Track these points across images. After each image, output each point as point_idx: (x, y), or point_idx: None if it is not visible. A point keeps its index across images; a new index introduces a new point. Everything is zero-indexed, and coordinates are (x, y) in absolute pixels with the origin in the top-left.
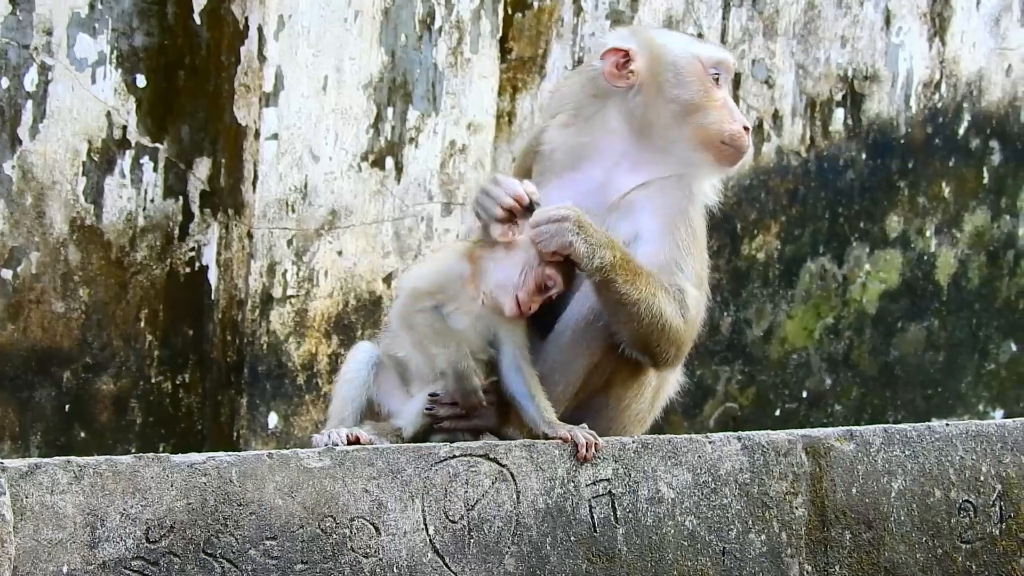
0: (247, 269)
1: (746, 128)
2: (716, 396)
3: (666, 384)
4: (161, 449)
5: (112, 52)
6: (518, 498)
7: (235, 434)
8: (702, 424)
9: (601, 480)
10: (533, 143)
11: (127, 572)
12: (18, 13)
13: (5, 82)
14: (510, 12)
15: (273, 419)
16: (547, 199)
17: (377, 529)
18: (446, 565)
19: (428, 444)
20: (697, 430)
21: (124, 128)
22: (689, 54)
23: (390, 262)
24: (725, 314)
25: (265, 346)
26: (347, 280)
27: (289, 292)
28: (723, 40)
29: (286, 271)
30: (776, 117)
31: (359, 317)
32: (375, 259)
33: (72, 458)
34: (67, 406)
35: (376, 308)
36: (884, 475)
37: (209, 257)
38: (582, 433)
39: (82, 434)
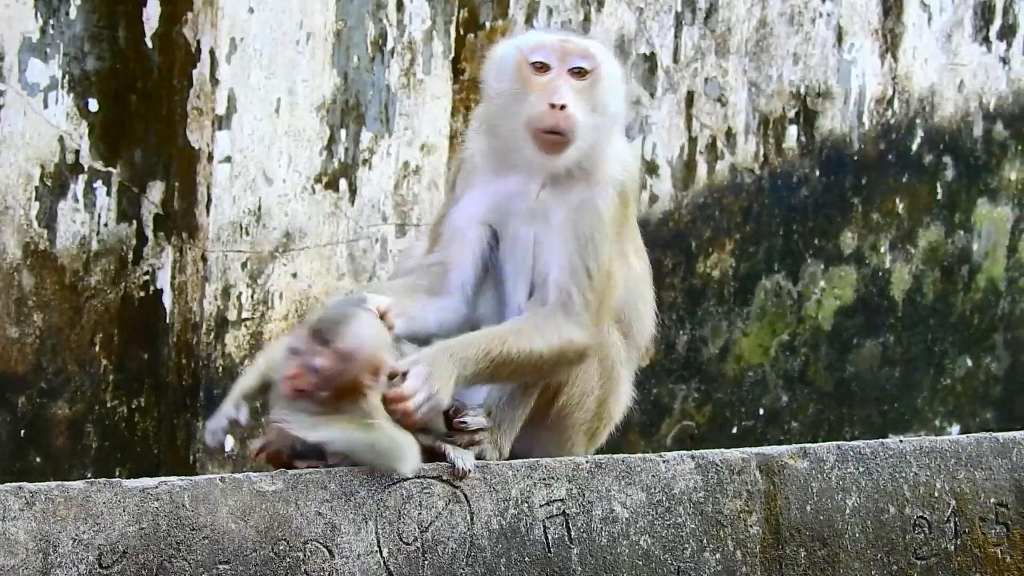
0: (202, 292)
1: (562, 107)
2: (673, 415)
3: (613, 392)
4: (117, 474)
5: (64, 76)
6: (472, 519)
7: (191, 458)
8: (659, 443)
9: (555, 500)
10: (461, 152)
11: None
12: None
13: None
14: (462, 33)
15: (229, 442)
16: (476, 202)
17: (331, 552)
18: None
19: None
20: (655, 448)
21: (77, 152)
22: (510, 46)
23: (345, 284)
24: (681, 332)
25: (221, 369)
26: (302, 302)
27: (244, 315)
28: (675, 59)
29: (241, 294)
30: (729, 135)
31: None
32: (330, 281)
33: (23, 484)
34: (22, 431)
35: None
36: (838, 492)
37: (164, 280)
38: None
39: (38, 459)
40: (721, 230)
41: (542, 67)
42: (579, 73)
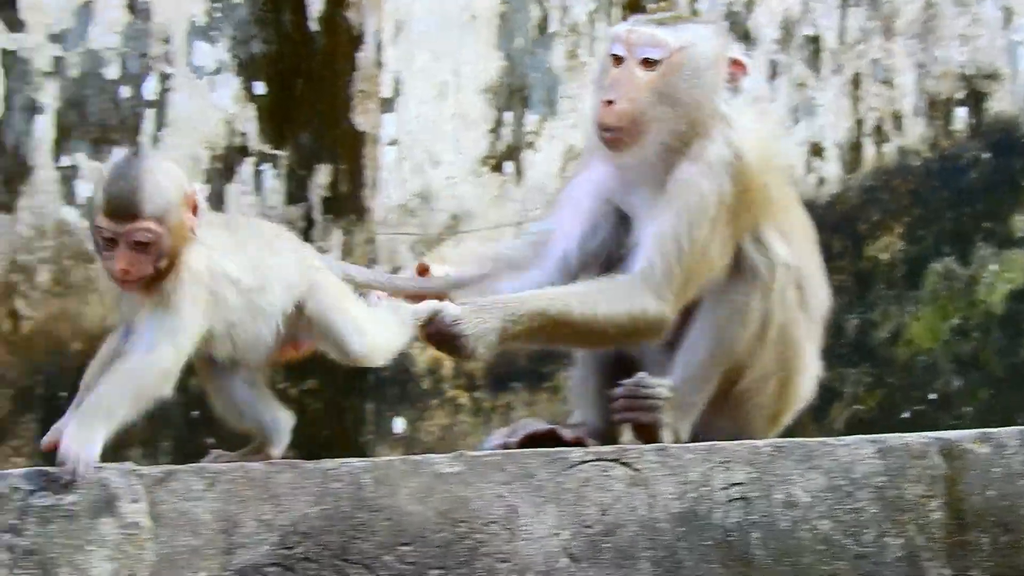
0: None
1: (611, 102)
2: (843, 399)
3: (797, 372)
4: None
5: (231, 60)
6: (652, 502)
7: (360, 440)
8: (830, 427)
9: (735, 484)
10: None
11: None
12: (137, 22)
13: (126, 91)
14: (625, 15)
15: (399, 424)
16: (596, 178)
17: (512, 534)
18: (581, 569)
19: (560, 449)
20: (826, 433)
21: (244, 135)
22: (609, 35)
23: None
24: (850, 316)
25: None
26: None
27: None
28: (841, 41)
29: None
30: (897, 117)
31: None
32: None
33: (206, 464)
34: (195, 412)
35: None
36: (1021, 477)
37: None
38: None
39: (211, 440)
40: (889, 213)
41: (617, 60)
42: (648, 63)
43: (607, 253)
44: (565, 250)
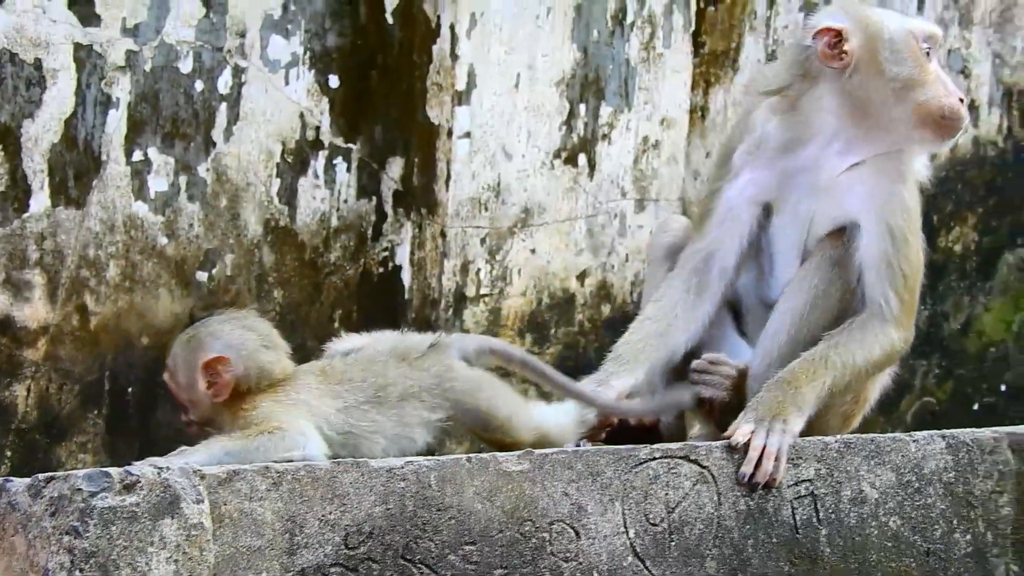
0: (440, 268)
1: (961, 100)
2: (913, 391)
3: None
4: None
5: (305, 53)
6: (719, 500)
7: None
8: (899, 419)
9: (803, 481)
10: (740, 125)
11: None
12: (211, 16)
13: (200, 85)
14: (702, 6)
15: None
16: (756, 182)
17: (577, 533)
18: (647, 568)
19: (628, 447)
20: (894, 425)
21: (317, 129)
22: (903, 30)
23: (583, 260)
24: (922, 307)
25: None
26: (540, 278)
27: (483, 291)
28: None
29: (479, 270)
30: (973, 107)
31: (552, 315)
32: (568, 257)
33: (270, 464)
34: None
35: (569, 306)
36: None
37: (402, 257)
38: None
39: None
40: (963, 204)
41: (927, 54)
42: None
43: (762, 248)
44: (723, 268)
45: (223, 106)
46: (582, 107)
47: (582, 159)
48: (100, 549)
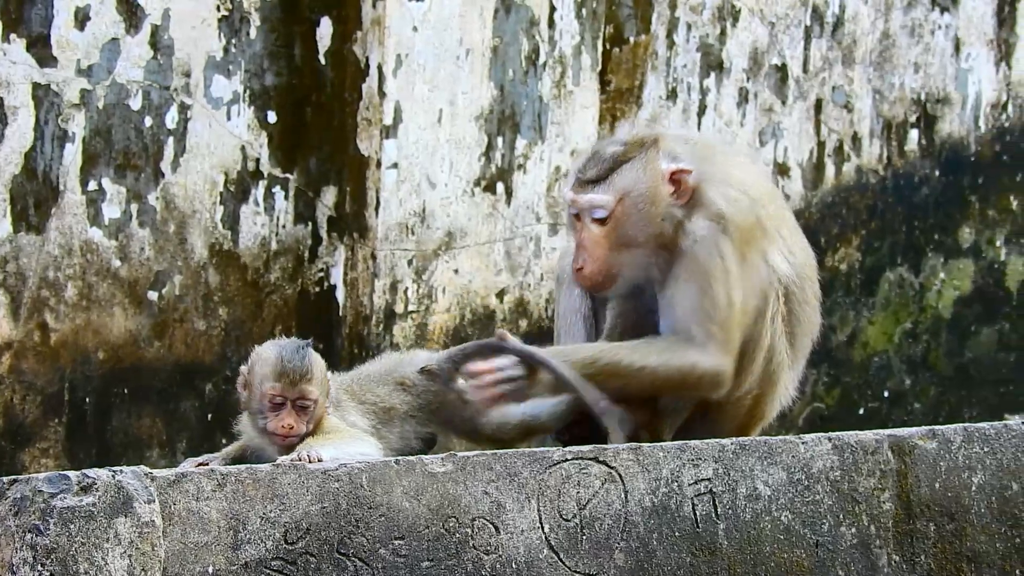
0: (371, 287)
1: (579, 268)
2: (804, 397)
3: (771, 394)
4: None
5: (245, 91)
6: (626, 497)
7: None
8: (791, 423)
9: (703, 479)
10: None
11: (267, 572)
12: (159, 57)
13: (149, 121)
14: (608, 47)
15: None
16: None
17: (496, 528)
18: (560, 560)
19: (543, 449)
20: (787, 429)
21: (257, 160)
22: (562, 199)
23: (502, 279)
24: None
25: None
26: (463, 296)
27: (410, 308)
28: (805, 69)
29: (407, 289)
30: (855, 139)
31: (474, 329)
32: (488, 276)
33: (215, 467)
34: (209, 415)
35: (490, 321)
36: (965, 471)
37: (337, 277)
38: None
39: (223, 441)
40: (848, 226)
41: (576, 218)
42: (599, 221)
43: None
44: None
45: (171, 140)
46: (499, 140)
47: (500, 187)
48: (60, 545)
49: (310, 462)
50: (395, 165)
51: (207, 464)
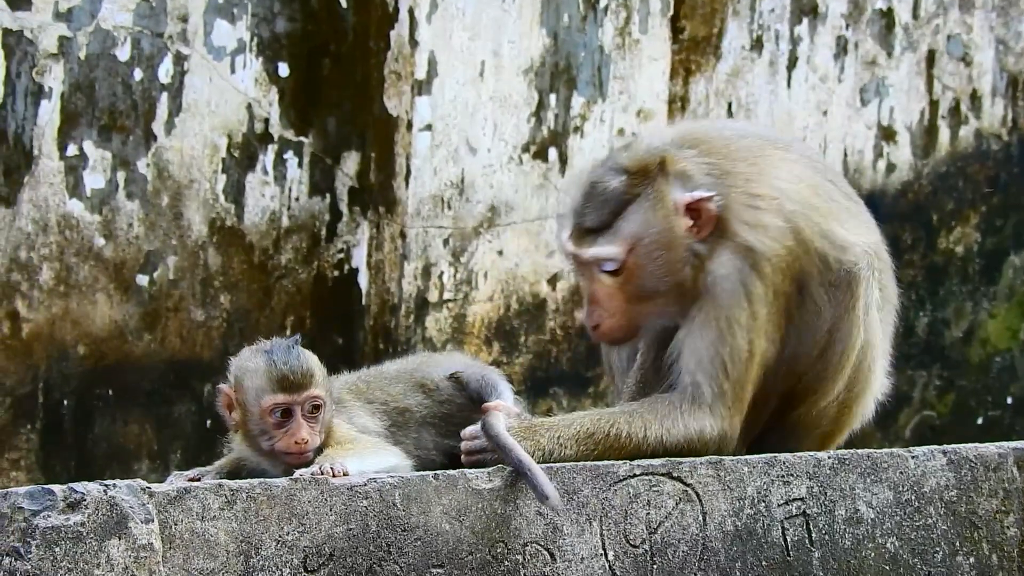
0: (400, 271)
1: (596, 327)
2: (912, 404)
3: (862, 396)
4: None
5: (252, 39)
6: (704, 520)
7: None
8: (897, 434)
9: (795, 500)
10: None
11: None
12: (151, 0)
13: (138, 74)
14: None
15: None
16: None
17: (552, 555)
18: None
19: (607, 463)
20: (892, 441)
21: (266, 121)
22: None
23: (555, 262)
24: (921, 314)
25: None
26: (508, 282)
27: (446, 296)
28: (915, 15)
29: (442, 273)
30: (974, 97)
31: (521, 322)
32: (538, 259)
33: (224, 481)
34: (208, 421)
35: (540, 312)
36: None
37: (359, 259)
38: None
39: (224, 452)
40: (965, 202)
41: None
42: (611, 273)
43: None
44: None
45: (164, 96)
46: (552, 97)
47: (553, 153)
48: (43, 571)
49: (334, 476)
50: (429, 127)
51: (199, 479)
